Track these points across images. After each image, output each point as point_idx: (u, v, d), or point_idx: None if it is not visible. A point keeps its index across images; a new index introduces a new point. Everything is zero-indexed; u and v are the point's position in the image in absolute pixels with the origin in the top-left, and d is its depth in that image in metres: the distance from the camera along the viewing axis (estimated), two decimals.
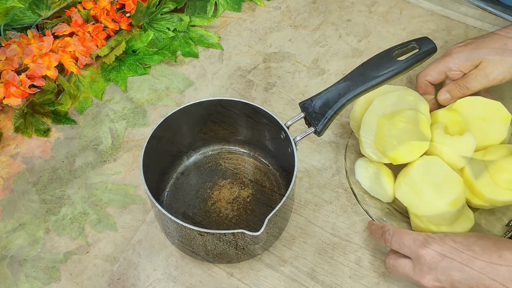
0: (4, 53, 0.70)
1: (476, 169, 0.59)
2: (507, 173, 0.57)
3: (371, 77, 0.56)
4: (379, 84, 0.56)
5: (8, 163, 0.68)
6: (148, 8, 0.78)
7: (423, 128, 0.59)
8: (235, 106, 0.60)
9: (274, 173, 0.65)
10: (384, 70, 0.56)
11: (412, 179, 0.58)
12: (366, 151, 0.61)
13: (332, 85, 0.57)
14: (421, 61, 0.57)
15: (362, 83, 0.56)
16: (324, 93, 0.57)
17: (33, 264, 0.60)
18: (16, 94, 0.69)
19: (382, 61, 0.57)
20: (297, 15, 0.82)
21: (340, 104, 0.56)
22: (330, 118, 0.56)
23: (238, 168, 0.65)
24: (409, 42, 0.58)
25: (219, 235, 0.52)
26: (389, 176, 0.61)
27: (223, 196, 0.63)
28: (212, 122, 0.63)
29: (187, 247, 0.56)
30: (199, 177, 0.64)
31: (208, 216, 0.61)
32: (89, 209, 0.64)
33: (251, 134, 0.65)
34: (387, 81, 0.57)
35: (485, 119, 0.61)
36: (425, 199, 0.57)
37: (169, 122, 0.59)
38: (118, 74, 0.75)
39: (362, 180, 0.63)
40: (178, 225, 0.52)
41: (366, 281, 0.58)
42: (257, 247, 0.56)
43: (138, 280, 0.59)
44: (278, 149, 0.62)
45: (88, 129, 0.71)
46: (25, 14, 0.76)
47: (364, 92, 0.56)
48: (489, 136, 0.61)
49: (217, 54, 0.78)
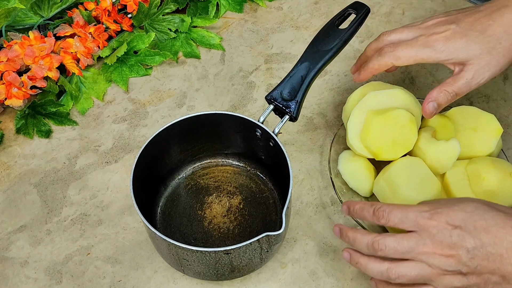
0: (5, 54, 0.70)
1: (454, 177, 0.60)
2: (486, 184, 0.58)
3: (324, 51, 0.59)
4: (334, 55, 0.59)
5: (10, 164, 0.68)
6: (149, 9, 0.78)
7: (410, 129, 0.60)
8: (200, 121, 0.59)
9: (254, 172, 0.65)
10: (334, 41, 0.59)
11: (390, 176, 0.59)
12: (351, 142, 0.62)
13: (291, 70, 0.59)
14: (361, 24, 0.61)
15: (318, 59, 0.59)
16: (287, 79, 0.58)
17: (34, 265, 0.60)
18: (18, 95, 0.69)
19: (329, 34, 0.60)
20: (299, 16, 0.82)
21: (306, 85, 0.58)
22: (301, 101, 0.58)
23: (219, 180, 0.64)
24: (345, 10, 0.61)
25: (245, 247, 0.50)
26: (370, 171, 0.62)
27: (216, 211, 0.62)
28: (179, 144, 0.62)
29: (210, 272, 0.54)
30: (184, 203, 0.62)
31: (210, 236, 0.60)
32: (90, 211, 0.64)
33: (221, 144, 0.64)
34: (340, 50, 0.59)
35: (475, 129, 0.62)
36: (399, 197, 0.58)
37: (143, 157, 0.57)
38: (120, 75, 0.75)
39: (343, 171, 0.63)
40: (200, 253, 0.50)
41: (368, 284, 0.58)
42: (278, 246, 0.55)
43: (139, 282, 0.59)
44: (256, 148, 0.62)
45: (90, 130, 0.71)
46: (26, 15, 0.76)
47: (323, 67, 0.59)
48: (476, 147, 0.61)
49: (218, 55, 0.78)
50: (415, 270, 0.47)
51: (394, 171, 0.59)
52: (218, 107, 0.73)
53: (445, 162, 0.59)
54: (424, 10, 0.82)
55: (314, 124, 0.71)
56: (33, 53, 0.71)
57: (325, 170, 0.66)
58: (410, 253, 0.47)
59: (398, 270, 0.48)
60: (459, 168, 0.60)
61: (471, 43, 0.55)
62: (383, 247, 0.48)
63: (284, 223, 0.51)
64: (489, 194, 0.57)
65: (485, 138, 0.61)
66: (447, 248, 0.46)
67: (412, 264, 0.48)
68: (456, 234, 0.46)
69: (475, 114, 0.63)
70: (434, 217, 0.47)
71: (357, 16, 0.60)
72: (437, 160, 0.59)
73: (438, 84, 0.56)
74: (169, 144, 0.61)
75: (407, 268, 0.48)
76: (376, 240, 0.48)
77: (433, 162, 0.59)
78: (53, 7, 0.77)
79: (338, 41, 0.59)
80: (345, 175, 0.63)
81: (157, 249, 0.57)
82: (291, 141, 0.69)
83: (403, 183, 0.58)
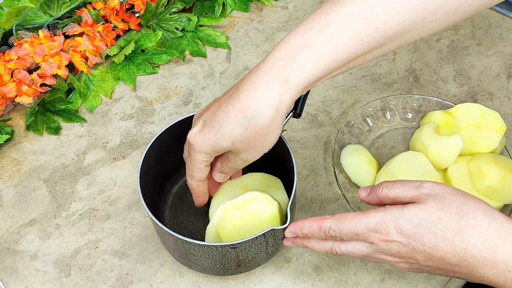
0: (16, 53, 0.72)
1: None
2: (488, 181, 0.58)
3: None
4: None
5: (20, 160, 0.70)
6: (156, 8, 0.79)
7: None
8: None
9: (258, 169, 0.65)
10: None
11: (393, 170, 0.60)
12: None
13: None
14: None
15: None
16: None
17: (43, 258, 0.61)
18: (28, 93, 0.70)
19: None
20: (304, 14, 0.83)
21: None
22: (304, 98, 0.56)
23: None
24: None
25: (251, 241, 0.51)
26: (372, 165, 0.63)
27: None
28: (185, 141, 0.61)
29: (217, 267, 0.55)
30: (191, 199, 0.60)
31: None
32: (99, 205, 0.65)
33: None
34: None
35: (479, 126, 0.62)
36: None
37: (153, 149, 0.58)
38: (127, 73, 0.76)
39: (346, 164, 0.64)
40: (207, 248, 0.51)
41: (371, 278, 0.59)
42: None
43: (146, 275, 0.60)
44: None
45: (98, 127, 0.72)
46: (36, 14, 0.78)
47: None
48: (480, 144, 0.62)
49: (224, 54, 0.79)
50: (359, 246, 0.48)
51: (396, 165, 0.59)
52: None
53: (447, 157, 0.60)
54: None
55: (318, 121, 0.71)
56: (43, 52, 0.72)
57: (329, 167, 0.67)
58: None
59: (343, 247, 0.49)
60: (461, 164, 0.60)
61: (217, 135, 0.50)
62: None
63: (289, 218, 0.52)
64: (490, 190, 0.58)
65: (489, 135, 0.62)
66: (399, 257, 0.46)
67: (356, 243, 0.48)
68: (405, 250, 0.45)
69: (479, 111, 0.63)
70: (423, 184, 0.46)
71: None
72: (439, 155, 0.60)
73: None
74: (176, 141, 0.62)
75: (351, 245, 0.48)
76: (330, 228, 0.48)
77: (435, 157, 0.60)
78: (63, 7, 0.79)
79: None
80: (347, 168, 0.64)
81: (164, 245, 0.58)
82: (296, 138, 0.70)
83: (404, 176, 0.58)
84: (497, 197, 0.58)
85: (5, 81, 0.70)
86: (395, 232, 0.45)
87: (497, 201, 0.58)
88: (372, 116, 0.69)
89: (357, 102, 0.73)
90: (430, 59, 0.77)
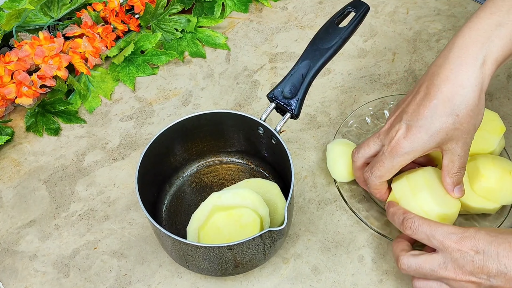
0: (16, 54, 0.72)
1: None
2: (485, 182, 0.58)
3: (324, 49, 0.59)
4: (334, 53, 0.60)
5: (20, 161, 0.70)
6: (156, 10, 0.79)
7: (251, 230, 0.55)
8: (204, 120, 0.60)
9: (257, 169, 0.66)
10: (334, 39, 0.60)
11: (416, 177, 0.58)
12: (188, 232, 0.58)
13: (292, 68, 0.59)
14: (361, 22, 0.61)
15: (319, 57, 0.59)
16: (288, 78, 0.59)
17: (42, 259, 0.62)
18: (28, 94, 0.71)
19: (328, 32, 0.60)
20: (304, 15, 0.83)
21: (306, 83, 0.59)
22: (301, 99, 0.58)
23: (223, 178, 0.65)
24: (344, 8, 0.62)
25: (248, 242, 0.51)
26: (347, 157, 0.62)
27: None
28: (183, 142, 0.63)
29: (214, 268, 0.55)
30: (189, 200, 0.61)
31: None
32: (98, 206, 0.65)
33: (224, 142, 0.65)
34: (340, 48, 0.60)
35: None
36: (417, 199, 0.56)
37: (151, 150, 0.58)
38: (127, 74, 0.77)
39: (327, 158, 0.65)
40: (204, 249, 0.51)
41: (369, 279, 0.59)
42: (280, 242, 0.56)
43: (144, 276, 0.60)
44: (259, 146, 0.63)
45: (97, 128, 0.73)
46: (36, 16, 0.78)
47: (324, 65, 0.59)
48: (479, 145, 0.61)
49: (224, 55, 0.79)
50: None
51: (423, 175, 0.57)
52: (223, 106, 0.74)
53: None
54: (428, 9, 0.82)
55: (317, 122, 0.71)
56: (43, 53, 0.72)
57: (327, 167, 0.67)
58: (432, 275, 0.50)
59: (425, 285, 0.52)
60: None
61: (429, 131, 0.52)
62: (405, 266, 0.51)
63: (286, 219, 0.52)
64: (488, 191, 0.58)
65: (488, 136, 0.62)
66: (468, 274, 0.48)
67: (435, 284, 0.51)
68: (478, 260, 0.48)
69: None
70: (460, 242, 0.49)
71: (357, 14, 0.61)
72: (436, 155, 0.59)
73: None
74: (174, 142, 0.62)
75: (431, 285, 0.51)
76: (399, 256, 0.52)
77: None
78: (62, 8, 0.79)
79: (338, 39, 0.59)
80: (328, 162, 0.64)
81: (162, 246, 0.58)
82: (295, 138, 0.70)
83: (428, 189, 0.56)
84: (494, 199, 0.58)
85: (5, 83, 0.70)
86: None
87: (495, 203, 0.58)
88: (372, 116, 0.69)
89: (356, 102, 0.73)
90: (430, 59, 0.77)
